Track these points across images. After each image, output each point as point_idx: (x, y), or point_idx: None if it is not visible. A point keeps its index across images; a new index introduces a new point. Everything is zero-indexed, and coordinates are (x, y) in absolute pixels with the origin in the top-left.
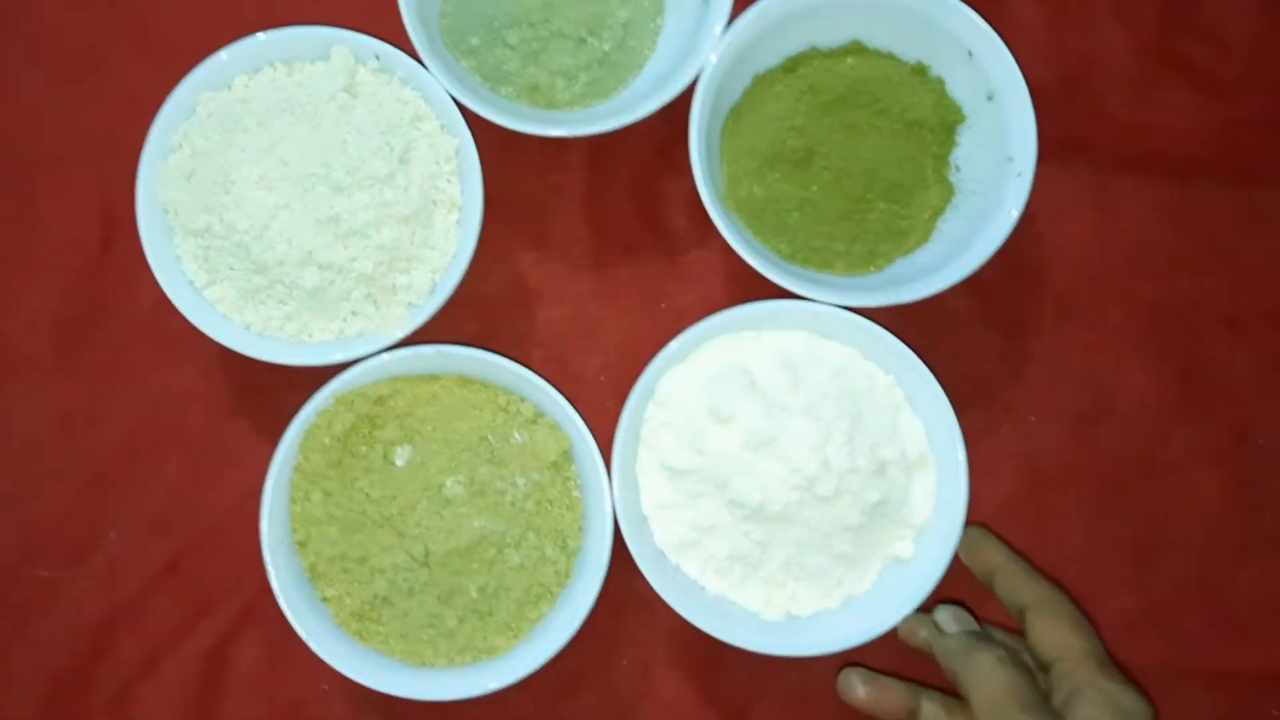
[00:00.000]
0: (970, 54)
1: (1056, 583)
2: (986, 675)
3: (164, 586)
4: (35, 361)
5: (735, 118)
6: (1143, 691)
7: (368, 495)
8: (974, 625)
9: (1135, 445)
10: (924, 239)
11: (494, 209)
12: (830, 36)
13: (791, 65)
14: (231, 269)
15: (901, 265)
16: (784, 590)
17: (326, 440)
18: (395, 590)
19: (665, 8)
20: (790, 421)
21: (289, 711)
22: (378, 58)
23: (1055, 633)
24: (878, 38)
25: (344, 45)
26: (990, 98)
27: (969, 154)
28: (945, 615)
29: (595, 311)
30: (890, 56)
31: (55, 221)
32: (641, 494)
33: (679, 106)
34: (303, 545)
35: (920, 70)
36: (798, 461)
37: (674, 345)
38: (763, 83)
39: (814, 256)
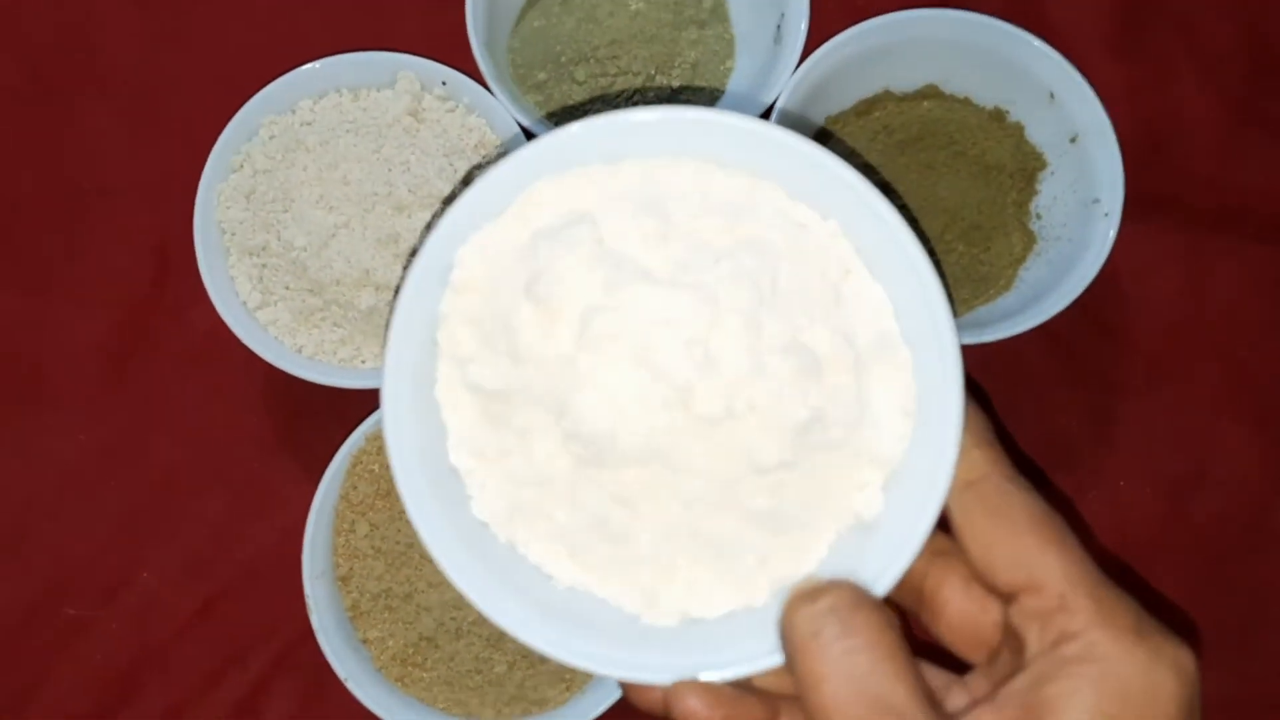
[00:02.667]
0: (1052, 96)
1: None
2: (813, 668)
3: (196, 632)
4: (77, 394)
5: None
6: (1175, 636)
7: None
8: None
9: (1235, 516)
10: (1006, 287)
11: None
12: (905, 80)
13: (865, 108)
14: (286, 288)
15: (983, 313)
16: (675, 578)
17: (376, 468)
18: (442, 630)
19: (737, 50)
20: (648, 295)
21: None
22: (444, 83)
23: (1009, 541)
24: (954, 82)
25: (410, 71)
26: (1073, 140)
27: (1051, 200)
28: None
29: None
30: (967, 101)
31: (108, 254)
32: (449, 435)
33: None
34: (345, 580)
35: (998, 115)
36: (662, 360)
37: (476, 189)
38: (835, 123)
39: None
